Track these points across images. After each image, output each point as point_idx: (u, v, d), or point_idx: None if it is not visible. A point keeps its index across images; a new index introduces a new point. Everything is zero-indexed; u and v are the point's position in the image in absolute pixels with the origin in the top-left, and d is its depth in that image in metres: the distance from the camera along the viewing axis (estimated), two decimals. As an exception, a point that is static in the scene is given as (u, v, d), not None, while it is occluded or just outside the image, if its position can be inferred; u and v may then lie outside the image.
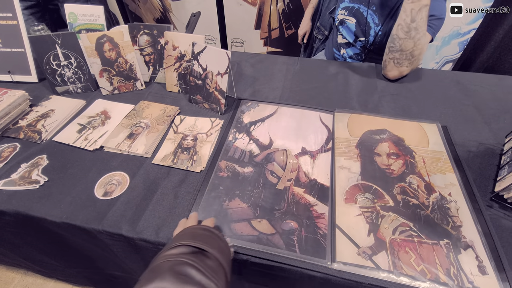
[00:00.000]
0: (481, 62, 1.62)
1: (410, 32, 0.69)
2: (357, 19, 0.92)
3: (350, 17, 0.94)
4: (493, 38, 1.52)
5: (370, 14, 0.89)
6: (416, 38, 0.70)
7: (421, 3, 0.66)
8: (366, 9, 0.89)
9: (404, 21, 0.70)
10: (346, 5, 0.95)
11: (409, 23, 0.69)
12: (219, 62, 0.64)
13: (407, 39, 0.70)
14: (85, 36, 0.69)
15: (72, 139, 0.63)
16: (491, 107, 0.70)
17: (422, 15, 0.67)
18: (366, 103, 0.73)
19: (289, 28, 1.77)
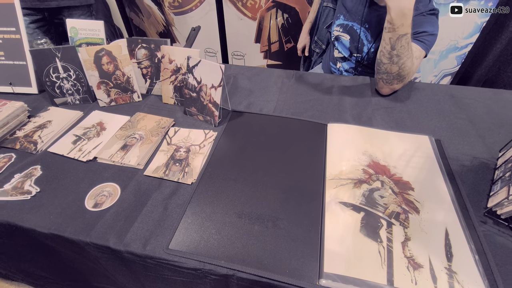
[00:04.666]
0: (480, 75, 1.63)
1: (392, 58, 0.70)
2: (351, 36, 0.94)
3: (344, 34, 0.97)
4: (491, 52, 1.53)
5: (363, 32, 0.91)
6: (400, 63, 0.71)
7: (398, 33, 0.67)
8: (360, 26, 0.91)
9: (385, 49, 0.71)
10: (341, 22, 0.97)
11: (390, 50, 0.70)
12: (213, 75, 0.66)
13: (390, 63, 0.72)
14: (84, 50, 0.71)
15: (66, 150, 0.64)
16: (486, 121, 0.70)
17: (402, 43, 0.68)
18: (359, 116, 0.74)
19: (288, 42, 1.80)
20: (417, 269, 0.43)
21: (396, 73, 0.74)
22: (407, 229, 0.48)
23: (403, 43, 0.69)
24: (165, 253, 0.46)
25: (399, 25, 0.67)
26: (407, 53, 0.71)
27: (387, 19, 0.68)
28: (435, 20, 0.82)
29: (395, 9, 0.65)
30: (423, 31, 0.78)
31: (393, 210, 0.51)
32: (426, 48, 0.79)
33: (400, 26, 0.67)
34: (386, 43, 0.71)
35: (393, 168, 0.58)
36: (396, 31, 0.68)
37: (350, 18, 0.93)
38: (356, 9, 0.91)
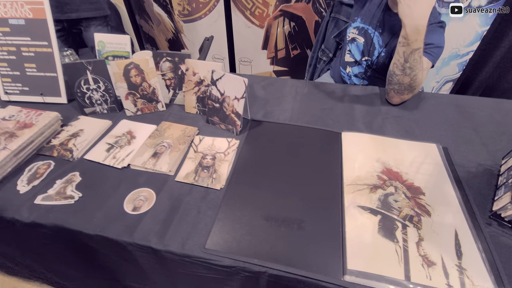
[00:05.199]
0: (480, 81, 1.68)
1: (405, 70, 0.76)
2: (365, 39, 1.00)
3: (360, 36, 1.02)
4: (491, 60, 1.59)
5: (376, 36, 0.97)
6: (412, 75, 0.76)
7: (411, 47, 0.72)
8: (374, 31, 0.97)
9: (399, 61, 0.76)
10: (358, 25, 1.03)
11: (403, 63, 0.75)
12: (236, 88, 0.71)
13: (403, 75, 0.77)
14: (114, 64, 0.76)
15: (101, 158, 0.69)
16: (489, 129, 0.76)
17: (415, 56, 0.73)
18: (371, 125, 0.79)
19: (295, 49, 1.86)
20: (431, 266, 0.48)
21: (407, 84, 0.79)
22: (420, 230, 0.53)
23: (415, 57, 0.74)
24: (202, 252, 0.51)
25: (413, 40, 0.72)
26: (419, 66, 0.76)
27: (402, 34, 0.74)
28: (442, 33, 0.87)
29: (410, 26, 0.70)
30: (430, 43, 0.83)
31: (407, 213, 0.56)
32: (433, 59, 0.84)
33: (414, 41, 0.72)
34: (400, 56, 0.76)
35: (405, 174, 0.64)
36: (410, 46, 0.73)
37: (366, 21, 0.99)
38: (373, 14, 0.96)
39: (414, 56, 0.74)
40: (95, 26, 1.35)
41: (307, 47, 1.81)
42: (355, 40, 1.05)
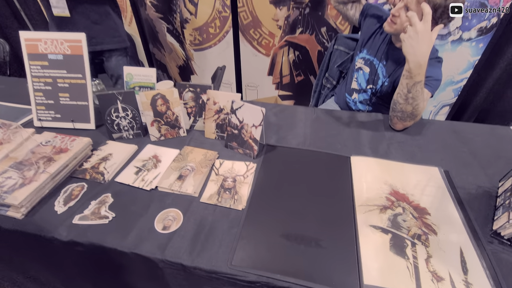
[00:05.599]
0: (475, 106, 1.78)
1: (408, 100, 0.84)
2: (370, 69, 1.10)
3: (365, 66, 1.12)
4: (484, 86, 1.69)
5: (380, 67, 1.07)
6: (414, 104, 0.84)
7: (414, 80, 0.81)
8: (378, 62, 1.07)
9: (402, 91, 0.85)
10: (364, 56, 1.13)
11: (406, 93, 0.84)
12: (254, 116, 0.78)
13: (406, 104, 0.85)
14: (143, 94, 0.84)
15: (131, 180, 0.75)
16: (485, 154, 0.82)
17: (417, 88, 0.82)
18: (377, 149, 0.86)
19: (299, 75, 1.97)
20: (440, 281, 0.52)
21: (410, 112, 0.87)
22: (428, 248, 0.58)
23: (418, 88, 0.83)
24: (229, 268, 0.56)
25: (416, 74, 0.81)
26: (421, 96, 0.84)
27: (405, 68, 0.83)
28: (440, 67, 0.97)
29: (413, 62, 0.79)
30: (429, 76, 0.92)
31: (415, 232, 0.61)
32: (432, 90, 0.93)
33: (417, 75, 0.81)
34: (403, 87, 0.85)
35: (411, 196, 0.69)
36: (413, 79, 0.82)
37: (372, 53, 1.09)
38: (378, 47, 1.06)
39: (416, 88, 0.83)
40: (116, 56, 1.46)
41: (310, 73, 1.93)
42: (361, 69, 1.15)
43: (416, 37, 0.76)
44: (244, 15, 1.78)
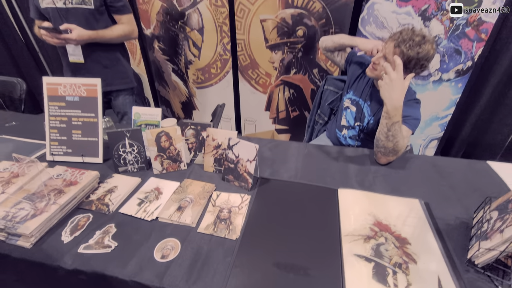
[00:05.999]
0: (462, 140, 1.87)
1: (388, 137, 0.93)
2: (357, 108, 1.20)
3: (352, 106, 1.23)
4: (467, 122, 1.80)
5: (365, 107, 1.17)
6: (394, 141, 0.93)
7: (392, 121, 0.91)
8: (363, 102, 1.17)
9: (383, 130, 0.94)
10: (350, 97, 1.24)
11: (386, 131, 0.93)
12: (249, 152, 0.86)
13: (387, 141, 0.94)
14: (149, 132, 0.93)
15: (134, 211, 0.81)
16: (462, 187, 0.89)
17: (395, 127, 0.91)
18: (363, 182, 0.92)
19: (294, 111, 2.10)
20: (419, 308, 0.56)
21: (391, 148, 0.95)
22: (408, 276, 0.62)
23: (396, 127, 0.92)
24: (223, 296, 0.60)
25: (393, 115, 0.91)
26: (400, 134, 0.93)
27: (384, 110, 0.93)
28: (418, 108, 1.07)
29: (390, 105, 0.89)
30: (408, 115, 1.02)
31: (396, 261, 0.65)
32: (412, 128, 1.02)
33: (394, 116, 0.91)
34: (383, 126, 0.94)
35: (393, 226, 0.75)
36: (391, 119, 0.91)
37: (357, 94, 1.20)
38: (362, 89, 1.18)
39: (395, 127, 0.92)
40: (123, 96, 1.58)
41: (304, 109, 2.06)
42: (349, 108, 1.26)
43: (390, 84, 0.87)
44: (243, 57, 1.95)
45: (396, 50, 0.95)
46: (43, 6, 1.30)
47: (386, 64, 0.90)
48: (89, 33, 1.29)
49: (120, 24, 1.40)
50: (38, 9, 1.32)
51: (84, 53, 1.38)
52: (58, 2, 1.27)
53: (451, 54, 1.58)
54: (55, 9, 1.28)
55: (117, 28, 1.38)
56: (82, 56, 1.37)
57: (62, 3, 1.27)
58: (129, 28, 1.41)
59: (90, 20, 1.32)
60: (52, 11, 1.29)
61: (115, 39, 1.40)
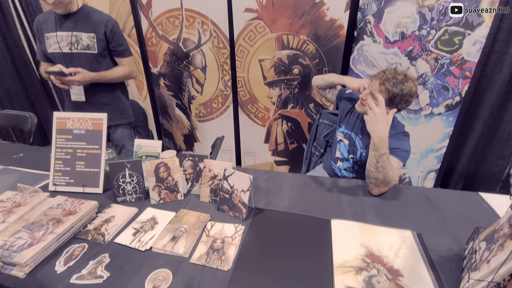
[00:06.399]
0: (460, 172, 1.89)
1: (378, 168, 0.96)
2: (349, 141, 1.25)
3: (345, 139, 1.27)
4: (463, 154, 1.83)
5: (357, 140, 1.22)
6: (384, 172, 0.96)
7: (380, 152, 0.95)
8: (355, 136, 1.22)
9: (372, 161, 0.98)
10: (343, 130, 1.29)
11: (376, 163, 0.97)
12: (243, 182, 0.90)
13: (377, 172, 0.97)
14: (149, 163, 0.97)
15: (128, 241, 0.82)
16: (454, 218, 0.89)
17: (383, 158, 0.95)
18: (356, 213, 0.93)
19: (292, 143, 2.15)
20: None
21: (382, 179, 0.98)
22: (401, 309, 0.61)
23: (384, 159, 0.96)
24: (211, 330, 0.59)
25: (380, 147, 0.95)
26: (389, 166, 0.96)
27: (371, 143, 0.97)
28: (407, 140, 1.12)
29: (376, 138, 0.95)
30: (398, 147, 1.06)
31: (388, 293, 0.65)
32: (402, 160, 1.06)
33: (381, 148, 0.95)
34: (372, 157, 0.98)
35: (386, 258, 0.75)
36: (378, 151, 0.96)
37: (349, 128, 1.25)
38: (353, 123, 1.23)
39: (383, 158, 0.96)
40: (121, 129, 1.64)
41: (302, 142, 2.11)
42: (342, 141, 1.30)
43: (375, 118, 0.93)
44: (243, 93, 2.06)
45: (381, 87, 1.02)
46: (50, 51, 1.40)
47: (370, 101, 0.97)
48: (92, 75, 1.37)
49: (121, 65, 1.50)
50: (44, 53, 1.44)
51: (86, 92, 1.45)
52: (64, 48, 1.37)
53: (439, 90, 1.66)
54: (61, 53, 1.39)
55: (118, 69, 1.48)
56: (84, 95, 1.45)
57: (68, 48, 1.38)
58: (129, 70, 1.51)
59: (94, 63, 1.42)
60: (58, 55, 1.40)
61: (116, 80, 1.49)
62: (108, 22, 1.39)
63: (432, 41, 1.55)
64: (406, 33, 1.58)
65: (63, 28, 1.36)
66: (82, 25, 1.36)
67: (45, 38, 1.39)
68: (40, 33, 1.40)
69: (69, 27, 1.36)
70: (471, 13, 1.43)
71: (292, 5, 1.69)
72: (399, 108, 1.05)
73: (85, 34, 1.37)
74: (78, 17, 1.36)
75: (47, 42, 1.39)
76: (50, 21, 1.38)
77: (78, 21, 1.36)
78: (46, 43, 1.39)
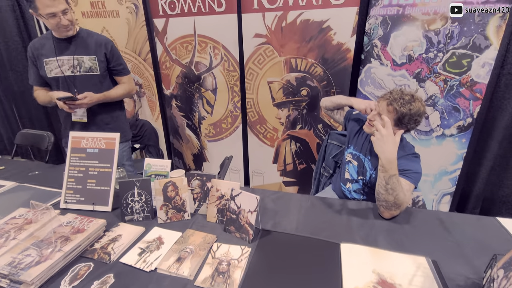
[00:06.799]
0: (477, 195, 1.81)
1: (388, 190, 0.94)
2: (358, 163, 1.23)
3: (354, 160, 1.26)
4: (479, 176, 1.77)
5: (366, 161, 1.20)
6: (394, 194, 0.94)
7: (389, 174, 0.94)
8: (364, 157, 1.21)
9: (381, 183, 0.96)
10: (351, 151, 1.28)
11: (385, 184, 0.95)
12: (250, 203, 0.89)
13: (387, 194, 0.95)
14: (157, 182, 0.99)
15: (133, 261, 0.81)
16: (471, 244, 0.85)
17: (393, 180, 0.93)
18: (366, 237, 0.90)
19: (301, 164, 2.14)
20: None
21: (392, 202, 0.95)
22: None
23: (393, 180, 0.94)
24: None
25: (388, 168, 0.94)
26: (399, 187, 0.94)
27: (380, 164, 0.96)
28: (418, 162, 1.10)
29: (384, 159, 0.94)
30: (409, 169, 1.04)
31: (403, 325, 0.61)
32: (413, 182, 1.03)
33: (390, 169, 0.94)
34: (381, 179, 0.96)
35: (399, 286, 0.71)
36: (387, 172, 0.94)
37: (357, 149, 1.24)
38: (362, 144, 1.22)
39: (392, 180, 0.94)
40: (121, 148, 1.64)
41: (311, 162, 2.10)
42: (350, 162, 1.29)
43: (382, 139, 0.93)
44: (252, 114, 2.10)
45: (389, 107, 1.03)
46: (51, 76, 1.38)
47: (376, 122, 0.97)
48: (98, 96, 1.40)
49: (122, 84, 1.54)
50: (40, 78, 1.41)
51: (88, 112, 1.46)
52: (66, 71, 1.38)
53: (450, 111, 1.65)
54: (64, 77, 1.40)
55: (120, 88, 1.52)
56: (86, 116, 1.46)
57: (70, 72, 1.39)
58: (130, 87, 1.56)
59: (96, 84, 1.45)
60: (61, 79, 1.40)
61: (118, 98, 1.53)
62: (107, 44, 1.43)
63: (440, 63, 1.56)
64: (414, 56, 1.60)
65: (64, 52, 1.37)
66: (83, 48, 1.39)
67: (44, 63, 1.37)
68: (37, 58, 1.38)
69: (70, 50, 1.37)
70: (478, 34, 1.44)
71: (300, 30, 1.76)
72: (408, 128, 1.05)
73: (87, 57, 1.39)
74: (78, 40, 1.38)
75: (47, 67, 1.38)
76: (47, 46, 1.37)
77: (78, 44, 1.38)
78: (45, 68, 1.38)
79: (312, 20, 1.71)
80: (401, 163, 1.04)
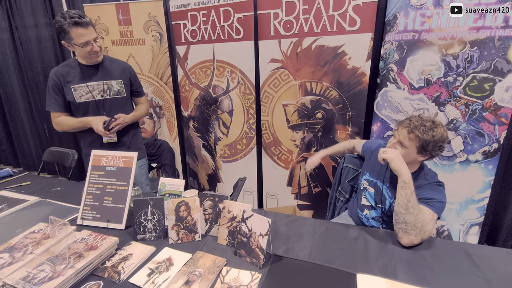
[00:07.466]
0: (508, 227, 1.68)
1: (408, 209, 0.90)
2: (375, 190, 1.19)
3: (370, 187, 1.22)
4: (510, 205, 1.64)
5: (385, 189, 1.15)
6: (414, 213, 0.90)
7: (411, 189, 0.91)
8: (382, 184, 1.16)
9: (402, 201, 0.92)
10: (367, 178, 1.24)
11: (406, 202, 0.91)
12: (261, 226, 0.87)
13: (407, 214, 0.90)
14: (170, 201, 1.00)
15: (142, 282, 0.81)
16: (502, 281, 0.77)
17: (413, 197, 0.91)
18: (385, 268, 0.85)
19: (316, 187, 2.09)
20: None
21: (412, 223, 0.90)
22: None
23: (414, 197, 0.91)
24: None
25: (410, 183, 0.93)
26: (418, 206, 0.92)
27: (400, 181, 0.95)
28: (441, 190, 1.04)
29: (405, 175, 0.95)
30: (432, 197, 0.99)
31: None
32: (437, 211, 0.98)
33: (411, 184, 0.92)
34: (402, 197, 0.93)
35: (421, 324, 0.65)
36: (410, 188, 0.92)
37: (374, 176, 1.20)
38: (379, 170, 1.19)
39: (414, 196, 0.91)
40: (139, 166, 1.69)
41: (327, 186, 2.05)
42: (366, 189, 1.24)
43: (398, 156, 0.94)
44: (267, 136, 2.11)
45: (410, 135, 1.00)
46: (81, 101, 1.42)
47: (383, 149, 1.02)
48: (129, 116, 1.51)
49: (141, 104, 1.66)
50: (64, 103, 1.43)
51: None
52: (97, 96, 1.46)
53: (473, 136, 1.58)
54: (94, 101, 1.47)
55: (142, 108, 1.65)
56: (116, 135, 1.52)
57: (100, 96, 1.46)
58: (147, 106, 1.69)
59: (123, 106, 1.56)
60: (91, 103, 1.47)
61: (141, 117, 1.66)
62: (130, 69, 1.58)
63: (460, 87, 1.53)
64: (432, 80, 1.58)
65: (93, 78, 1.45)
66: (109, 73, 1.50)
67: (72, 89, 1.40)
68: (64, 85, 1.41)
69: (98, 76, 1.47)
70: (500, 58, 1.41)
71: (315, 55, 1.80)
72: (432, 155, 1.01)
73: (114, 81, 1.50)
74: (104, 66, 1.49)
75: (75, 93, 1.41)
76: (74, 73, 1.41)
77: (104, 70, 1.49)
78: (74, 94, 1.41)
79: (327, 45, 1.76)
80: (425, 192, 1.00)
